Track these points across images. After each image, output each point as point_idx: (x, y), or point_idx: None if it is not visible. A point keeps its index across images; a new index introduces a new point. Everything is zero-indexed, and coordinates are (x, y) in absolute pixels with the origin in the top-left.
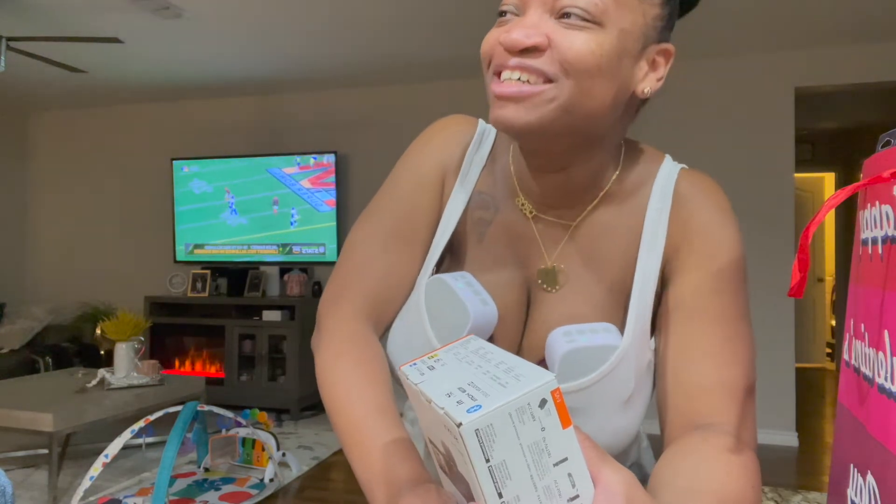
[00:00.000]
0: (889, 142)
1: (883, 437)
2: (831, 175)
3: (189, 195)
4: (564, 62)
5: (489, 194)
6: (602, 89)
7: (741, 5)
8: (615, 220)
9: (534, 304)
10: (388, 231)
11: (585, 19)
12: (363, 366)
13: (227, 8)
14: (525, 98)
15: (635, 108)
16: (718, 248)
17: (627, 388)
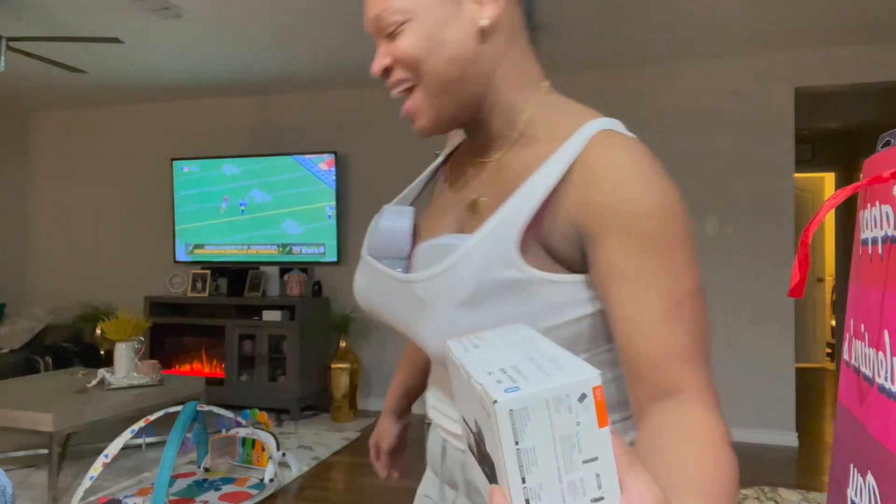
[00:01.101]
0: (889, 142)
1: (883, 437)
2: (831, 175)
3: (189, 195)
4: (405, 65)
5: (454, 153)
6: (445, 58)
7: (742, 5)
8: (532, 158)
9: (462, 231)
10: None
11: (399, 26)
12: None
13: (227, 8)
14: (414, 113)
15: (505, 38)
16: (640, 208)
17: (466, 289)
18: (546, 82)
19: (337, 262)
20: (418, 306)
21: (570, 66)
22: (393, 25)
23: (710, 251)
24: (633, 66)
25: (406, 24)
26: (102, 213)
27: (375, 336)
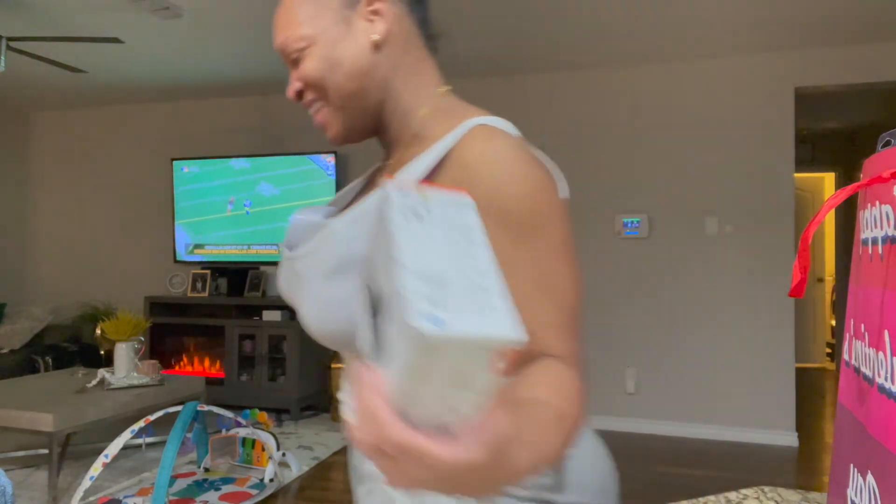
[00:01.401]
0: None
1: (883, 437)
2: (831, 175)
3: (189, 195)
4: (311, 86)
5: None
6: (343, 74)
7: (741, 5)
8: (416, 154)
9: None
10: None
11: (301, 52)
12: None
13: (227, 8)
14: (324, 126)
15: (399, 50)
16: (503, 197)
17: (330, 261)
18: (443, 87)
19: None
20: (298, 283)
21: (570, 65)
22: (296, 52)
23: (710, 251)
24: (633, 65)
25: (307, 49)
26: (102, 213)
27: None
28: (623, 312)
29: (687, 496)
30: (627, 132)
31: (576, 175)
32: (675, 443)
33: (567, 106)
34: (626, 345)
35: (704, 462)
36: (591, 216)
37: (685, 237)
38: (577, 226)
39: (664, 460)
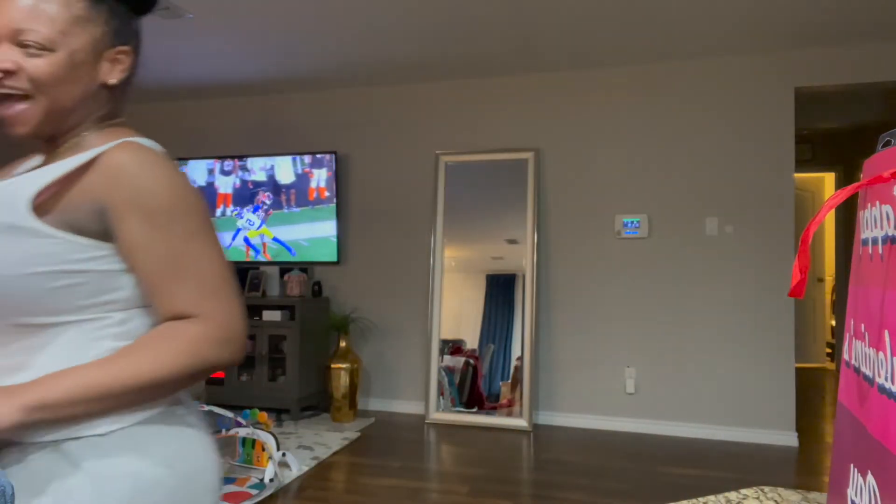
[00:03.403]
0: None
1: (883, 437)
2: (831, 175)
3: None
4: (32, 80)
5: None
6: (69, 92)
7: (741, 5)
8: (66, 157)
9: None
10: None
11: (39, 48)
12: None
13: (228, 8)
14: (17, 119)
15: (116, 92)
16: (145, 190)
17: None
18: (120, 119)
19: (337, 262)
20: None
21: (570, 65)
22: (34, 46)
23: (710, 251)
24: (633, 65)
25: (46, 51)
26: None
27: (375, 336)
28: (623, 312)
29: (687, 496)
30: (628, 132)
31: (576, 175)
32: (675, 443)
33: (567, 106)
34: (626, 345)
35: (704, 462)
36: (591, 216)
37: (685, 237)
38: (578, 226)
39: (664, 460)
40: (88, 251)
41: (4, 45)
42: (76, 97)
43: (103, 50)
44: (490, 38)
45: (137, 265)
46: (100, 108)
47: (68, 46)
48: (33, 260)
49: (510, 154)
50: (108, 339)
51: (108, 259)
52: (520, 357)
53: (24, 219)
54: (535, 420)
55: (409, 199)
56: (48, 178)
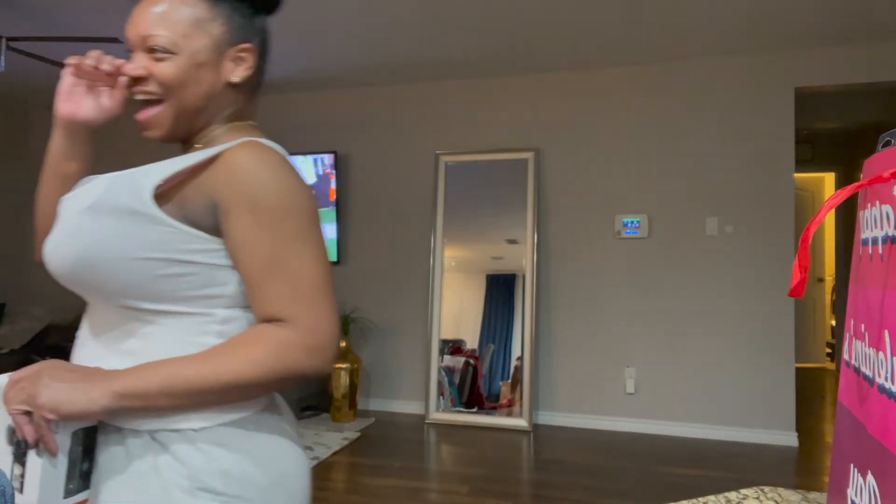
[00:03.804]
0: (889, 142)
1: (883, 437)
2: (831, 175)
3: None
4: (162, 84)
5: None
6: (196, 93)
7: (742, 5)
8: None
9: None
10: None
11: (164, 53)
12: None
13: None
14: (151, 122)
15: (244, 91)
16: (257, 188)
17: (87, 200)
18: (251, 122)
19: (337, 261)
20: (57, 221)
21: (570, 65)
22: (162, 51)
23: (710, 251)
24: (633, 65)
25: (172, 55)
26: None
27: (375, 336)
28: (623, 312)
29: (687, 496)
30: (627, 132)
31: (576, 175)
32: (675, 443)
33: (567, 106)
34: (626, 345)
35: (704, 462)
36: (591, 216)
37: (685, 237)
38: (578, 226)
39: (664, 460)
40: (200, 243)
41: (138, 52)
42: (202, 97)
43: (225, 49)
44: (490, 38)
45: (239, 263)
46: (226, 107)
47: (189, 48)
48: (149, 245)
49: (510, 154)
50: (211, 336)
51: (217, 254)
52: (520, 357)
53: (145, 205)
54: (535, 420)
55: (409, 200)
56: (172, 169)
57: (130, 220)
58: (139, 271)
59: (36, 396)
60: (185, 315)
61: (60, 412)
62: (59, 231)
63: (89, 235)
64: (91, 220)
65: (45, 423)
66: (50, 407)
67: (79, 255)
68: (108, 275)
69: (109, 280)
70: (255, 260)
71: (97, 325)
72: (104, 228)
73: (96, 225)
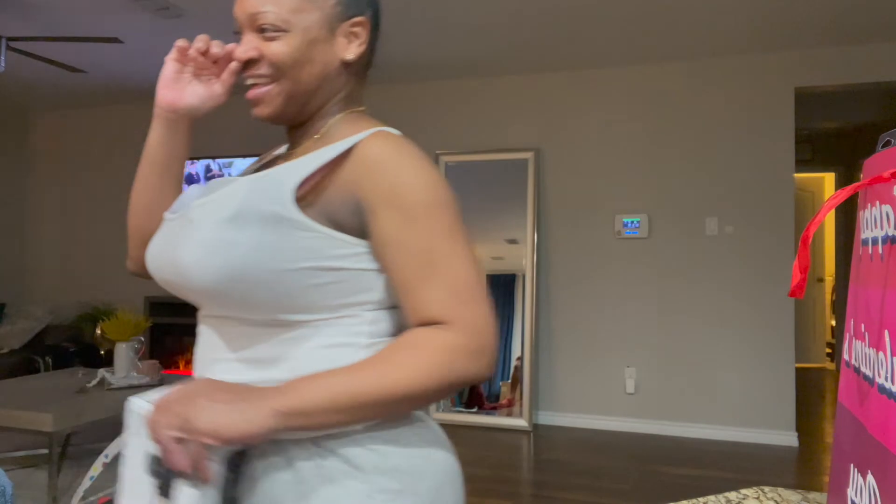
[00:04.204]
0: (889, 142)
1: (883, 437)
2: (831, 175)
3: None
4: (273, 65)
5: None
6: (309, 72)
7: (742, 5)
8: (321, 147)
9: None
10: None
11: (276, 31)
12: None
13: (227, 8)
14: (260, 101)
15: (355, 70)
16: (402, 184)
17: (229, 209)
18: (362, 108)
19: None
20: (187, 230)
21: (570, 65)
22: (272, 29)
23: (710, 251)
24: (633, 65)
25: (283, 33)
26: (102, 213)
27: None
28: (623, 312)
29: (687, 496)
30: (627, 132)
31: (576, 175)
32: (675, 443)
33: (567, 106)
34: (626, 345)
35: (704, 462)
36: (591, 216)
37: (685, 237)
38: (578, 226)
39: (664, 460)
40: (346, 248)
41: (247, 33)
42: (316, 78)
43: (337, 24)
44: (490, 38)
45: (390, 264)
46: (340, 88)
47: (301, 24)
48: (297, 254)
49: (510, 154)
50: (362, 336)
51: (363, 257)
52: (520, 357)
53: (289, 210)
54: (535, 420)
55: None
56: (308, 168)
57: (277, 229)
58: (290, 283)
59: (193, 421)
60: (334, 321)
61: (222, 437)
62: (196, 244)
63: (236, 248)
64: (236, 231)
65: (203, 450)
66: (210, 432)
67: (225, 270)
68: (256, 289)
69: (257, 294)
70: (409, 261)
71: (231, 337)
72: (251, 240)
73: (242, 236)
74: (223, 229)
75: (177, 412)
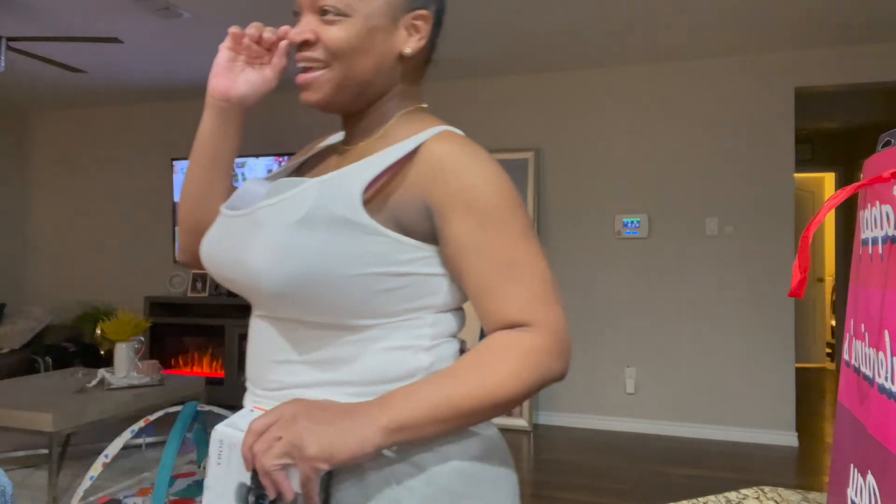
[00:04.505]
0: (889, 142)
1: (883, 437)
2: (831, 175)
3: None
4: (329, 49)
5: (333, 140)
6: (365, 62)
7: (741, 5)
8: (385, 146)
9: None
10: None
11: (337, 15)
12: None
13: (227, 8)
14: (311, 85)
15: (413, 64)
16: (473, 187)
17: (299, 212)
18: (423, 105)
19: None
20: (254, 231)
21: (570, 65)
22: (333, 12)
23: (710, 251)
24: (633, 65)
25: (344, 18)
26: (102, 213)
27: None
28: (623, 312)
29: (687, 496)
30: (627, 132)
31: (576, 175)
32: (674, 443)
33: (567, 106)
34: (626, 345)
35: (704, 462)
36: (591, 216)
37: (685, 237)
38: (578, 226)
39: (664, 460)
40: (413, 252)
41: (307, 14)
42: (371, 69)
43: (400, 15)
44: (490, 38)
45: (466, 268)
46: (395, 83)
47: (364, 10)
48: (365, 259)
49: (510, 154)
50: (424, 339)
51: (430, 261)
52: None
53: (357, 214)
54: (535, 420)
55: None
56: (374, 170)
57: (346, 233)
58: (358, 288)
59: (304, 447)
60: (396, 325)
61: (336, 460)
62: (265, 247)
63: (305, 252)
64: (306, 234)
65: (314, 476)
66: (325, 457)
67: (294, 274)
68: (324, 293)
69: (324, 298)
70: (486, 264)
71: (295, 339)
72: (321, 244)
73: (312, 240)
74: (293, 233)
75: (281, 438)
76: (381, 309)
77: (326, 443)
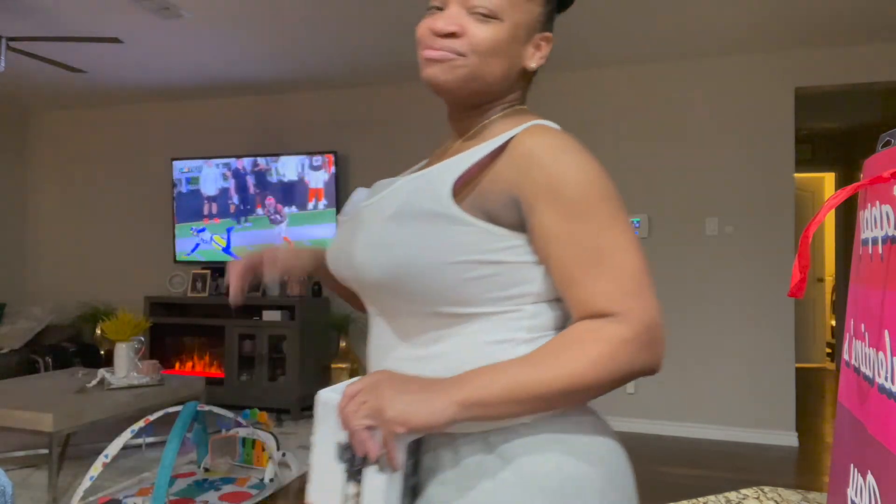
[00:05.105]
0: (889, 142)
1: (883, 437)
2: (831, 175)
3: (189, 195)
4: (472, 46)
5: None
6: (498, 65)
7: (741, 5)
8: (478, 143)
9: None
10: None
11: (489, 13)
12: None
13: (227, 8)
14: (444, 61)
15: (528, 78)
16: (559, 178)
17: (390, 208)
18: (523, 107)
19: None
20: (357, 230)
21: (570, 65)
22: (485, 12)
23: (710, 251)
24: (633, 65)
25: (495, 20)
26: (102, 213)
27: None
28: None
29: (687, 496)
30: (627, 132)
31: None
32: (674, 443)
33: (566, 106)
34: None
35: (704, 462)
36: None
37: (685, 237)
38: None
39: (663, 460)
40: (503, 241)
41: (453, 6)
42: (501, 73)
43: (534, 32)
44: None
45: (552, 258)
46: (512, 92)
47: (513, 18)
48: (454, 249)
49: None
50: (522, 332)
51: (520, 249)
52: None
53: (446, 206)
54: None
55: None
56: (464, 165)
57: (435, 225)
58: (449, 276)
59: (383, 410)
60: (493, 315)
61: (410, 426)
62: (364, 242)
63: (398, 244)
64: (397, 227)
65: (392, 438)
66: (400, 421)
67: (389, 265)
68: (418, 282)
69: (419, 287)
70: (572, 254)
71: (399, 329)
72: (411, 236)
73: (404, 233)
74: (386, 227)
75: (367, 402)
76: (475, 297)
77: (402, 409)
